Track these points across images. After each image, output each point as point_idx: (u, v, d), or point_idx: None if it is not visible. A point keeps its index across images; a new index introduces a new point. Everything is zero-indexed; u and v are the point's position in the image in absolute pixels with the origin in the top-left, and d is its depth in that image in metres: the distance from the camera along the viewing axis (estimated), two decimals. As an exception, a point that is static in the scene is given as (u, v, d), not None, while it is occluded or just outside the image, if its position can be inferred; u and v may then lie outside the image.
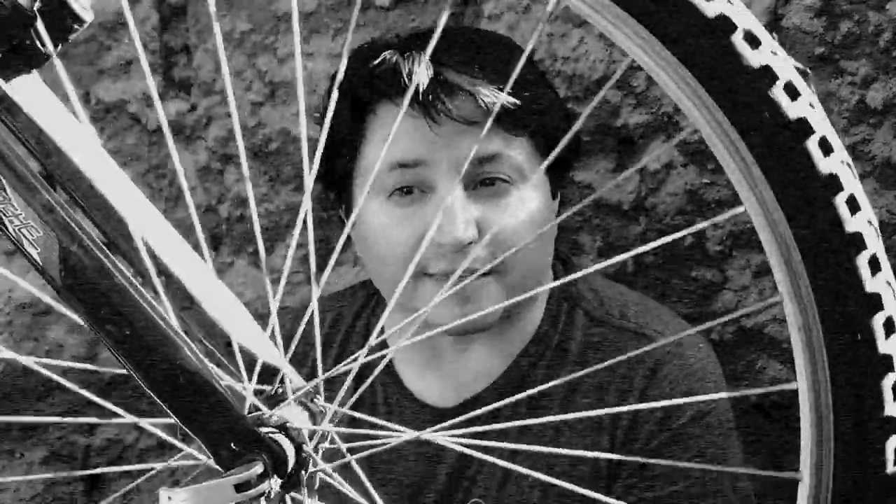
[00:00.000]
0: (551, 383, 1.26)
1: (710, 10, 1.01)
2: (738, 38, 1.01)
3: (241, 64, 2.36)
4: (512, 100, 1.79)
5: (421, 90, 1.77)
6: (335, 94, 1.27)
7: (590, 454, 1.34)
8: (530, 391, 1.29)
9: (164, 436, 1.20)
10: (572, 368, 1.89)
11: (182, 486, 1.06)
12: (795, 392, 1.08)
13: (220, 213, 2.43)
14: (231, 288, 2.46)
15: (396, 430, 1.21)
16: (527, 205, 1.83)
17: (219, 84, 2.37)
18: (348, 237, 2.30)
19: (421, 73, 1.78)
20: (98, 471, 2.03)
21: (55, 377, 1.23)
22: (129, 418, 1.15)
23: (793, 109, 1.01)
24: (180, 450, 1.16)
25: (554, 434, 1.88)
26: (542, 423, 1.87)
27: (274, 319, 1.15)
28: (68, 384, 1.19)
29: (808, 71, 1.05)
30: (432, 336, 1.89)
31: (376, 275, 1.91)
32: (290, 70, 2.34)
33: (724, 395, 1.88)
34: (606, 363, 1.24)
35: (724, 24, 1.01)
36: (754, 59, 1.01)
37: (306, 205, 1.13)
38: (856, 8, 2.10)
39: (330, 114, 1.26)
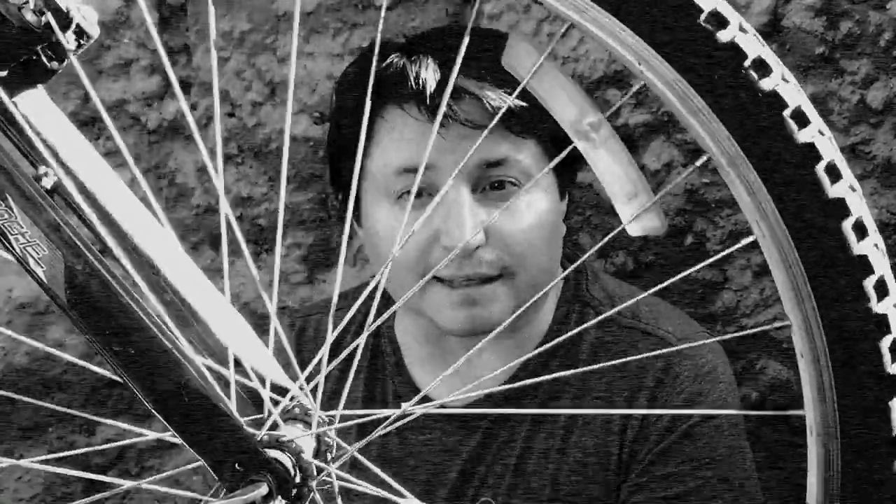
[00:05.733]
0: (561, 374, 1.26)
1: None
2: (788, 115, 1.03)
3: (241, 64, 2.35)
4: (519, 102, 1.79)
5: (428, 94, 1.76)
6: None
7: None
8: (539, 378, 1.30)
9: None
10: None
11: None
12: (796, 393, 1.09)
13: (220, 213, 2.43)
14: (230, 288, 2.47)
15: (384, 412, 1.21)
16: (535, 207, 1.82)
17: (219, 83, 2.37)
18: (349, 236, 2.31)
19: (428, 77, 1.77)
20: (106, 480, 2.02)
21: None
22: (129, 484, 1.15)
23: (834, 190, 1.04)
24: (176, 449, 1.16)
25: (564, 433, 1.88)
26: (552, 423, 1.88)
27: (272, 338, 1.15)
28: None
29: None
30: (442, 336, 1.90)
31: (386, 278, 1.90)
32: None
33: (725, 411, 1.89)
34: (615, 362, 1.24)
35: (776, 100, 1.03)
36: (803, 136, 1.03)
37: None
38: (856, 8, 2.09)
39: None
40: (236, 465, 1.09)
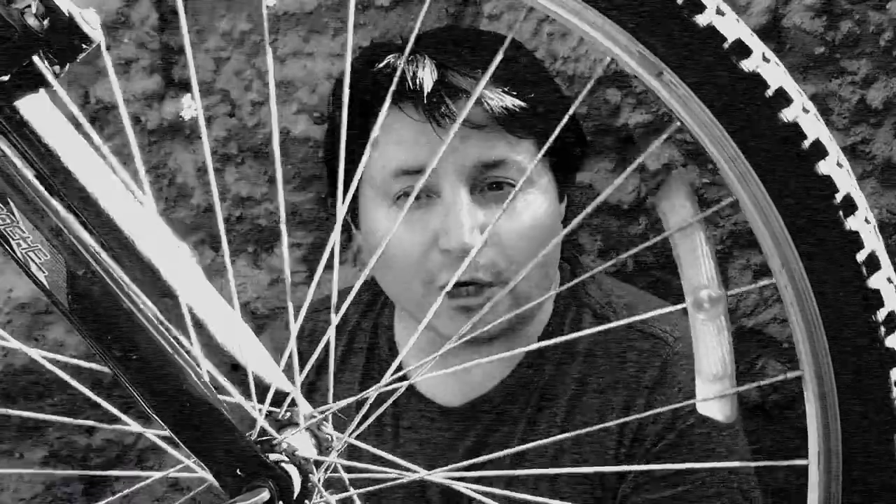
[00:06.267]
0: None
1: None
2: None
3: (241, 64, 2.35)
4: (518, 102, 1.78)
5: (425, 94, 1.76)
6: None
7: (592, 469, 1.34)
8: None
9: (165, 445, 1.19)
10: (580, 368, 1.88)
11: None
12: (797, 392, 1.10)
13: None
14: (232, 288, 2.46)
15: (402, 469, 1.21)
16: (532, 208, 1.81)
17: (219, 84, 2.37)
18: (348, 237, 2.31)
19: (425, 77, 1.76)
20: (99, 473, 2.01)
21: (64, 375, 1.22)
22: (135, 426, 1.14)
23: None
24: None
25: (561, 431, 1.88)
26: (548, 425, 1.87)
27: (293, 344, 1.15)
28: (74, 382, 1.17)
29: None
30: (440, 338, 1.89)
31: (384, 280, 1.90)
32: (289, 70, 2.33)
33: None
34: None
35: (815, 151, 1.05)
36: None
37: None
38: (856, 8, 2.10)
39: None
40: (238, 471, 1.09)
